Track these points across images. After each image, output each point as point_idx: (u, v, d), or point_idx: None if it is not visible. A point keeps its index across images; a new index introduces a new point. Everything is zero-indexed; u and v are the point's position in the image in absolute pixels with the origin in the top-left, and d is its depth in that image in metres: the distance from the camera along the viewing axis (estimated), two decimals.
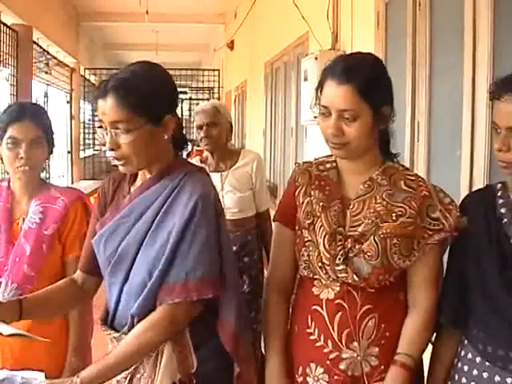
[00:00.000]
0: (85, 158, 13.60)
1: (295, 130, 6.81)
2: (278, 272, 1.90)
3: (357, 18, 4.44)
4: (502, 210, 1.72)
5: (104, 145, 1.75)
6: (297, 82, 6.47)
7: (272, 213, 2.13)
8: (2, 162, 2.38)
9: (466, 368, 1.71)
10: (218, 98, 13.02)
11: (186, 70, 14.01)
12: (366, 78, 1.70)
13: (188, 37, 14.60)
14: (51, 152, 2.44)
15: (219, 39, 13.01)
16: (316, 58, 4.89)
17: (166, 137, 1.79)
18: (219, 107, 3.70)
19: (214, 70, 14.34)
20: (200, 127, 3.52)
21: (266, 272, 1.96)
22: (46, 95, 10.22)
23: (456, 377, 1.75)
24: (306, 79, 5.33)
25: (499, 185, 1.79)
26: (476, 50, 2.79)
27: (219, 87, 14.12)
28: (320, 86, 1.77)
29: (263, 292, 1.99)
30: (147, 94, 1.71)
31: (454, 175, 2.95)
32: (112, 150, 1.72)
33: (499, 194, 1.76)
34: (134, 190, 1.84)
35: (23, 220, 2.38)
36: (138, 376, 1.78)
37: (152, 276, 1.73)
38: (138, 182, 1.86)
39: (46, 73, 9.81)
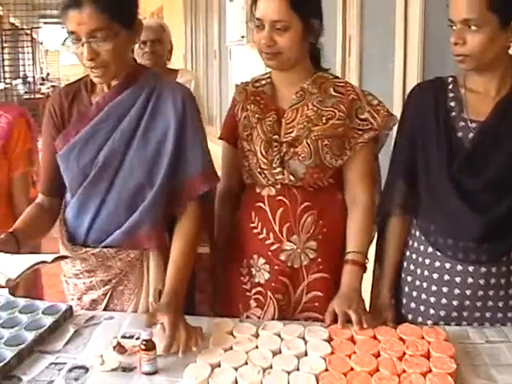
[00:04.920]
0: None
1: (218, 53, 6.76)
2: (225, 182, 2.02)
3: None
4: (452, 104, 1.78)
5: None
6: (219, 4, 6.38)
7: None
8: None
9: (420, 259, 1.80)
10: None
11: None
12: None
13: None
14: None
15: None
16: None
17: (137, 41, 1.81)
18: (164, 26, 3.71)
19: None
20: (144, 43, 3.48)
21: None
22: None
23: (410, 267, 1.83)
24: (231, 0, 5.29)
25: (450, 78, 1.84)
26: None
27: None
28: (254, 2, 1.85)
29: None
30: None
31: (387, 86, 3.03)
32: (91, 59, 1.69)
33: (450, 87, 1.81)
34: (103, 97, 1.79)
35: None
36: (121, 288, 1.80)
37: (153, 177, 1.76)
38: (100, 91, 1.82)
39: None
